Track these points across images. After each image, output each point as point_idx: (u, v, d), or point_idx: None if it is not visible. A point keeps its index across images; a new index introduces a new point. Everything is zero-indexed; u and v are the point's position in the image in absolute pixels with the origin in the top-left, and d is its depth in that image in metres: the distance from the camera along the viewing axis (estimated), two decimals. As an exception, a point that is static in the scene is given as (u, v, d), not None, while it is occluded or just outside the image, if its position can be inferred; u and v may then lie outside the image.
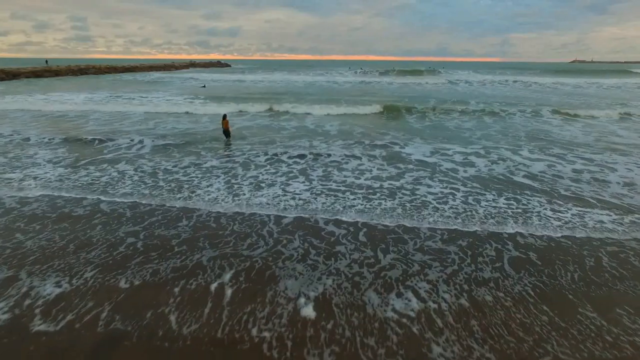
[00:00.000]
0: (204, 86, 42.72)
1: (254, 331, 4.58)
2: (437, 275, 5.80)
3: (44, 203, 8.65)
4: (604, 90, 41.80)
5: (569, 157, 12.76)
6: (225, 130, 15.16)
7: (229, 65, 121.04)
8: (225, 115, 15.74)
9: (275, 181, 10.15)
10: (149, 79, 55.61)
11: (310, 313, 4.92)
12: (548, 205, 8.57)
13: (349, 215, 7.99)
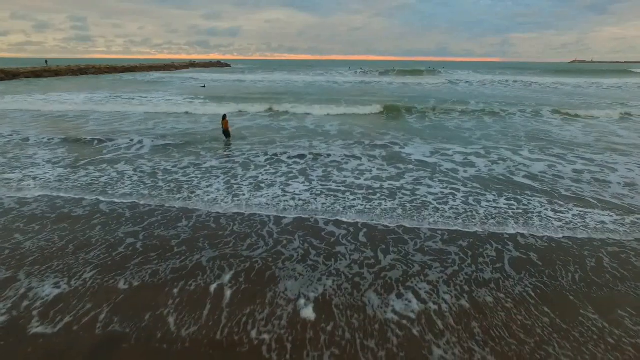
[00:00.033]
0: (203, 86, 42.69)
1: (254, 333, 4.55)
2: (438, 276, 5.77)
3: (43, 203, 8.62)
4: (604, 90, 41.78)
5: (569, 158, 12.73)
6: (225, 131, 15.13)
7: (229, 65, 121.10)
8: (225, 115, 15.71)
9: (275, 181, 10.13)
10: (148, 79, 55.60)
11: (310, 314, 4.89)
12: (549, 205, 8.54)
13: (349, 215, 7.96)
